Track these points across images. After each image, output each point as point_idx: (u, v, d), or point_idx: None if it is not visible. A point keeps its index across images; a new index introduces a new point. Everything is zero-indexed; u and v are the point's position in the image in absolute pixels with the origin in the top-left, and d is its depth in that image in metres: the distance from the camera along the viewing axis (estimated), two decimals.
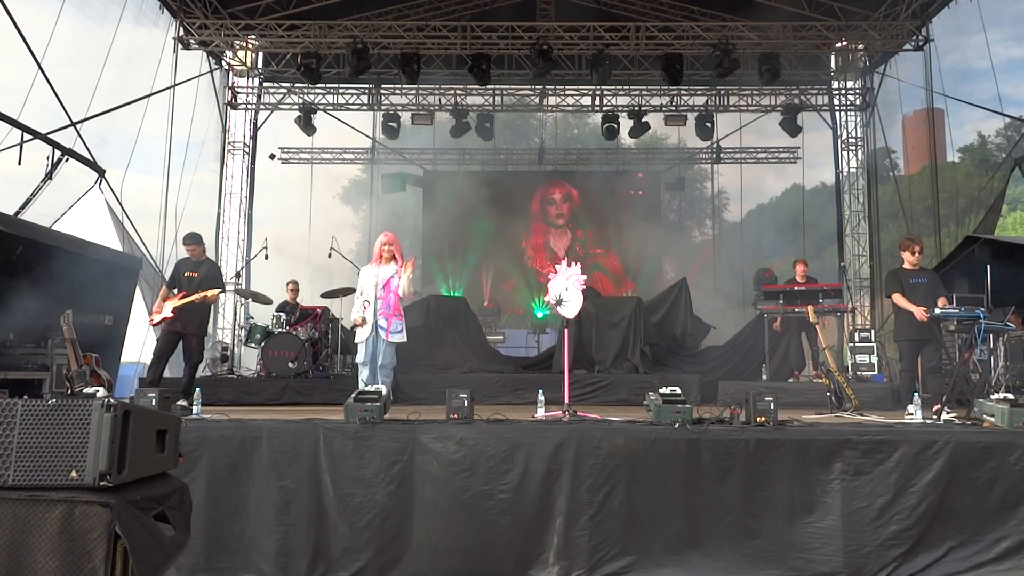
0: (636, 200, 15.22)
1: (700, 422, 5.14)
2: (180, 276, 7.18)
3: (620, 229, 15.00)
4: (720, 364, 9.82)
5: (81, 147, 9.70)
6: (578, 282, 6.11)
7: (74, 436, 2.45)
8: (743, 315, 11.18)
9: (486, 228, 15.49)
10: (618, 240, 15.13)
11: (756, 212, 16.64)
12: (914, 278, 6.65)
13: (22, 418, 2.44)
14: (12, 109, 8.35)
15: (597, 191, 15.33)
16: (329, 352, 9.67)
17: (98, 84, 9.82)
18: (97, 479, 2.41)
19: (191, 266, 7.22)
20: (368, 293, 6.34)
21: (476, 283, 15.67)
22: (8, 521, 2.33)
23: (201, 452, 4.95)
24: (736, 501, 4.89)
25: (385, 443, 4.96)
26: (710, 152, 15.49)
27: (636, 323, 9.43)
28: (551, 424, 5.31)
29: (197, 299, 6.91)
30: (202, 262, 7.29)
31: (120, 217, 10.64)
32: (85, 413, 2.48)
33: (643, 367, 9.17)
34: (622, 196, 15.12)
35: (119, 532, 2.37)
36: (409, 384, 8.65)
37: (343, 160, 16.11)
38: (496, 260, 15.79)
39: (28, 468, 2.40)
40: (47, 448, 2.43)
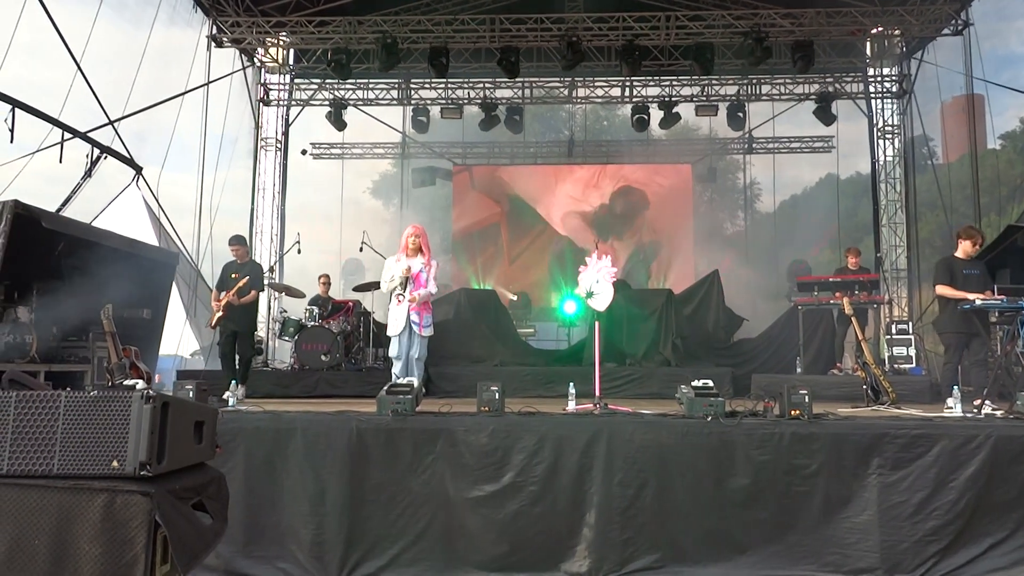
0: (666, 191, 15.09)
1: (733, 415, 5.09)
2: (226, 278, 7.59)
3: (650, 220, 14.88)
4: (753, 357, 9.71)
5: (119, 145, 9.90)
6: (609, 274, 6.08)
7: (115, 427, 2.51)
8: (776, 307, 11.02)
9: (515, 221, 15.48)
10: (648, 231, 15.02)
11: (789, 203, 16.39)
12: (967, 268, 6.46)
13: (65, 409, 2.51)
14: (52, 108, 8.55)
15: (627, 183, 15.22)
16: (361, 345, 9.76)
17: (135, 83, 10.00)
18: (137, 469, 2.46)
19: (236, 268, 7.63)
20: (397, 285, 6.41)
21: (506, 276, 15.69)
22: (54, 509, 2.39)
23: (238, 443, 5.04)
24: (770, 496, 4.84)
25: (417, 435, 5.01)
26: (742, 142, 15.28)
27: (667, 316, 9.37)
28: (582, 417, 5.31)
29: (231, 297, 7.29)
30: (246, 264, 7.71)
31: (157, 213, 10.84)
32: (125, 405, 2.53)
33: (675, 360, 9.10)
34: (652, 187, 15.00)
35: (159, 521, 2.42)
36: (440, 377, 8.69)
37: (373, 155, 16.19)
38: (527, 253, 15.79)
39: (72, 457, 2.46)
40: (89, 438, 2.49)
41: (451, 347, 9.67)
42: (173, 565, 2.50)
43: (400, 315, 6.42)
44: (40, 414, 2.49)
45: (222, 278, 7.69)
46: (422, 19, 11.83)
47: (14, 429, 2.47)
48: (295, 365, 9.37)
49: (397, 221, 16.14)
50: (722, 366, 8.98)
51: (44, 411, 2.49)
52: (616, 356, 9.35)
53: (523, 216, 15.56)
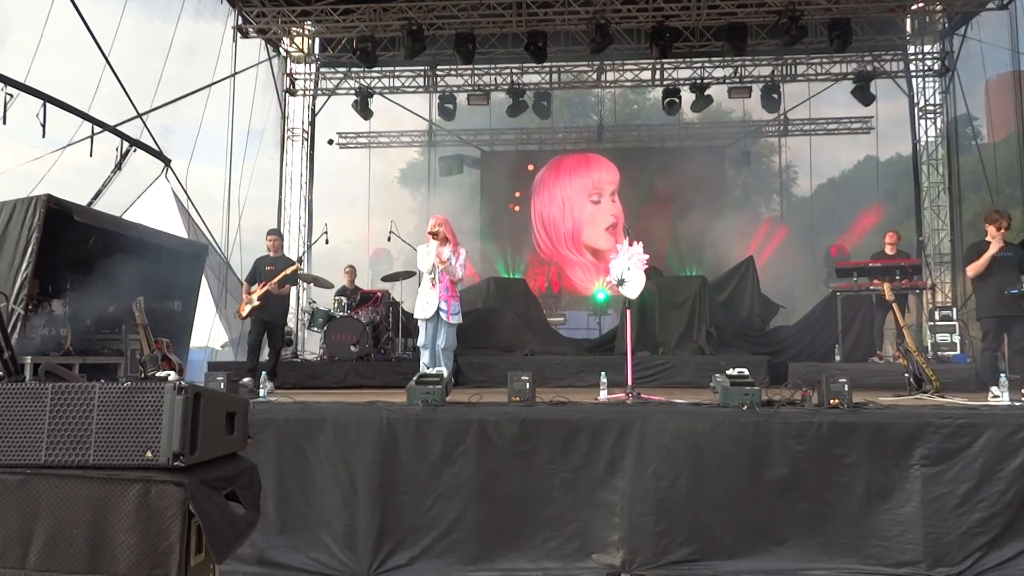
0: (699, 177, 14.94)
1: (769, 404, 5.04)
2: (260, 270, 7.77)
3: (683, 207, 14.74)
4: (790, 345, 9.61)
5: (148, 138, 10.05)
6: (640, 261, 6.04)
7: (148, 418, 2.55)
8: (814, 294, 10.89)
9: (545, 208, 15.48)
10: (681, 218, 14.88)
11: (827, 186, 16.13)
12: (1000, 251, 6.36)
13: (100, 400, 2.55)
14: (82, 103, 8.70)
15: (658, 168, 15.09)
16: (390, 335, 9.83)
17: (162, 77, 10.14)
18: (171, 459, 2.49)
19: (269, 261, 7.82)
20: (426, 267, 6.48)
21: (535, 264, 15.69)
22: (90, 499, 2.44)
23: (269, 434, 5.10)
24: (808, 487, 4.79)
25: (448, 425, 5.03)
26: (777, 125, 15.07)
27: (701, 303, 9.30)
28: (614, 406, 5.30)
29: (272, 287, 7.48)
30: (279, 257, 7.89)
31: (185, 205, 10.99)
32: (158, 396, 2.57)
33: (709, 348, 9.04)
34: (685, 173, 14.86)
35: (193, 511, 2.45)
36: (470, 367, 8.72)
37: (400, 143, 16.25)
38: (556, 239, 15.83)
39: (106, 448, 2.51)
40: (123, 429, 2.53)
41: (480, 336, 9.70)
42: (207, 555, 2.54)
43: (431, 299, 6.47)
44: (76, 405, 2.53)
45: (255, 271, 7.83)
46: (447, 4, 11.81)
47: (51, 420, 2.52)
48: (324, 356, 9.47)
49: (425, 210, 16.18)
50: (758, 354, 8.89)
51: (79, 402, 2.54)
52: (649, 344, 9.31)
53: (552, 203, 15.53)
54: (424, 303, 6.51)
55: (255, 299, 7.51)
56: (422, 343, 6.54)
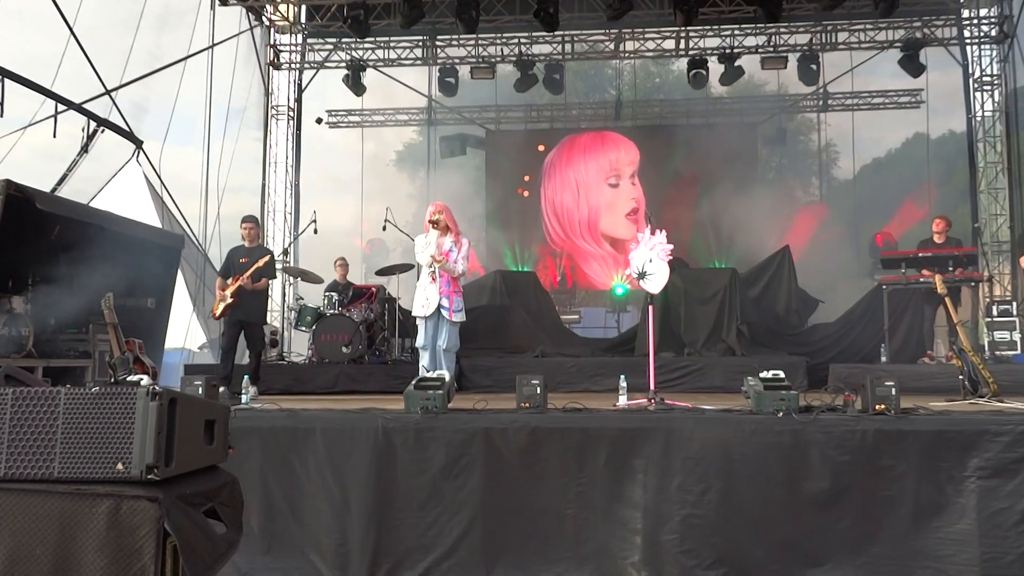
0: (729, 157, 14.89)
1: (808, 410, 5.03)
2: (234, 263, 7.59)
3: (711, 191, 14.70)
4: (831, 344, 9.58)
5: (117, 117, 10.07)
6: (663, 252, 6.02)
7: (119, 426, 2.55)
8: (857, 287, 10.84)
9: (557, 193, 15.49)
10: (709, 203, 14.85)
11: (871, 167, 16.03)
12: None
13: (65, 407, 2.56)
14: (44, 78, 8.72)
15: (683, 147, 15.05)
16: (386, 335, 9.85)
17: (132, 49, 10.16)
18: (144, 472, 2.50)
19: (244, 252, 7.63)
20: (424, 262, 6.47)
21: (546, 256, 15.69)
22: (56, 516, 2.45)
23: (252, 444, 5.12)
24: (851, 502, 4.78)
25: (450, 435, 5.03)
26: (816, 99, 14.99)
27: (731, 298, 9.27)
28: (635, 413, 5.29)
29: (245, 282, 7.27)
30: (255, 248, 7.69)
31: (159, 191, 11.03)
32: (130, 402, 2.57)
33: (740, 348, 9.02)
34: (713, 153, 14.81)
35: (168, 529, 2.46)
36: (474, 370, 8.73)
37: (396, 122, 16.25)
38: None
39: (73, 460, 2.52)
40: (91, 439, 2.54)
41: (486, 336, 9.70)
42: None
43: (431, 295, 6.44)
44: (38, 413, 2.54)
45: (228, 263, 7.67)
46: None
47: (11, 429, 2.52)
48: (313, 358, 9.49)
49: (424, 196, 16.19)
50: (795, 355, 8.86)
51: (43, 409, 2.55)
52: (673, 345, 9.29)
53: (565, 187, 15.52)
54: (423, 299, 6.50)
55: (228, 296, 7.34)
56: (421, 344, 6.54)
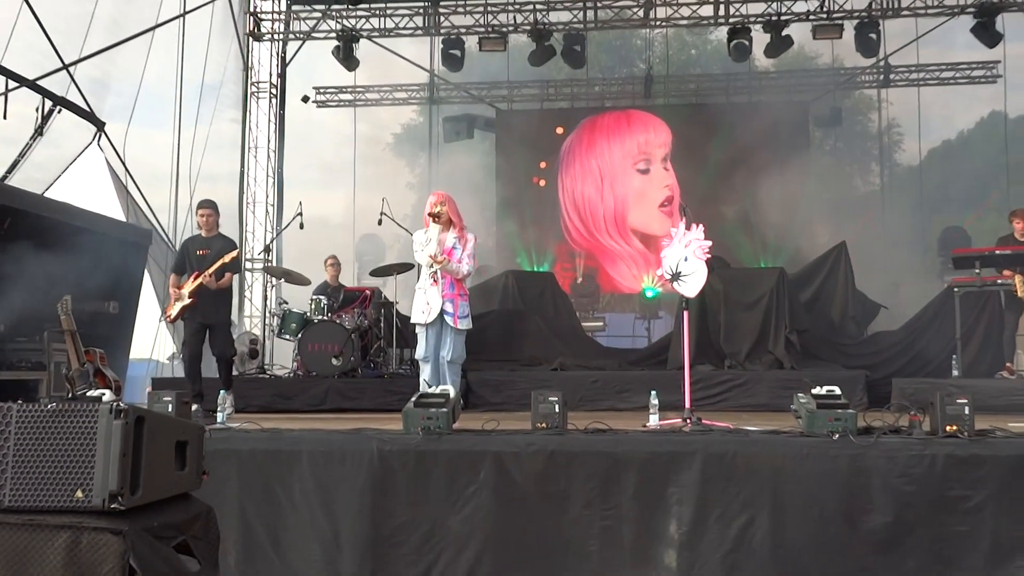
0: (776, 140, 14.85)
1: (868, 432, 5.00)
2: (191, 256, 7.46)
3: (755, 179, 14.66)
4: (894, 356, 9.51)
5: (76, 95, 10.11)
6: (701, 249, 6.00)
7: (78, 448, 2.56)
8: (924, 290, 10.77)
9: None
10: (753, 194, 14.81)
11: (940, 151, 15.97)
12: None
13: (17, 427, 2.57)
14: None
15: (723, 130, 15.01)
16: (382, 345, 9.85)
17: (93, 17, 10.20)
18: (107, 500, 2.51)
19: (201, 243, 7.50)
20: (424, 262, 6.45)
21: (564, 257, 15.67)
22: (6, 550, 2.46)
23: (230, 469, 5.13)
24: (919, 539, 4.75)
25: (456, 459, 5.03)
26: (876, 73, 14.95)
27: (779, 303, 9.21)
28: (668, 435, 5.29)
29: (208, 279, 7.13)
30: (214, 238, 7.55)
31: (124, 180, 11.09)
32: (90, 420, 2.58)
33: (789, 360, 8.97)
34: (757, 136, 14.77)
35: (134, 566, 2.47)
36: (483, 384, 8.72)
37: (393, 101, 16.30)
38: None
39: (26, 487, 2.53)
40: (47, 463, 2.55)
41: (496, 346, 9.68)
42: None
43: (432, 299, 6.41)
44: None
45: (183, 256, 7.55)
46: None
47: None
48: (299, 371, 9.50)
49: (425, 185, 16.22)
50: (852, 368, 8.80)
51: None
52: (712, 356, 9.25)
53: (587, 176, 15.52)
54: (423, 304, 6.48)
55: (186, 295, 7.18)
56: (421, 355, 6.52)
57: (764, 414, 7.45)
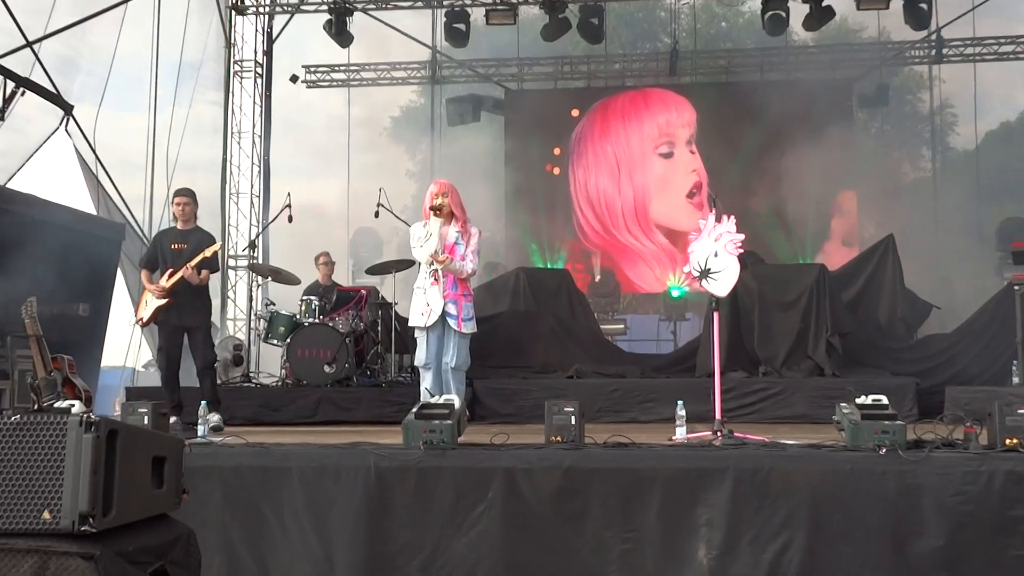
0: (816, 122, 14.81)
1: (919, 446, 5.00)
2: (165, 250, 7.42)
3: (793, 166, 14.62)
4: (947, 361, 9.48)
5: (41, 76, 10.14)
6: (732, 243, 5.99)
7: (45, 465, 2.57)
8: (981, 288, 10.75)
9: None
10: (790, 182, 14.78)
11: (999, 134, 15.92)
12: None
13: None
14: None
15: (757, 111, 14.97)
16: (379, 351, 9.86)
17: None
18: (76, 522, 2.52)
19: (177, 237, 7.47)
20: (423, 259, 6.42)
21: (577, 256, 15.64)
22: None
23: (212, 488, 5.14)
24: (975, 564, 4.73)
25: (461, 477, 5.04)
26: (927, 47, 14.90)
27: (819, 302, 9.19)
28: (697, 450, 5.29)
29: (189, 272, 7.09)
30: (191, 231, 7.51)
31: (94, 168, 11.11)
32: (59, 434, 2.59)
33: (830, 367, 8.95)
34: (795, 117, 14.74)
35: None
36: (491, 394, 8.73)
37: (391, 80, 16.30)
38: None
39: None
40: (10, 481, 2.56)
41: (505, 351, 9.69)
42: None
43: (433, 300, 6.36)
44: None
45: (155, 251, 7.51)
46: None
47: None
48: (287, 379, 9.52)
49: (426, 173, 16.23)
50: (901, 375, 8.78)
51: None
52: (745, 362, 9.24)
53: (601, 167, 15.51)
54: (422, 306, 6.44)
55: (160, 294, 7.16)
56: (422, 361, 6.50)
57: (803, 426, 7.45)
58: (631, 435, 5.55)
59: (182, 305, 7.27)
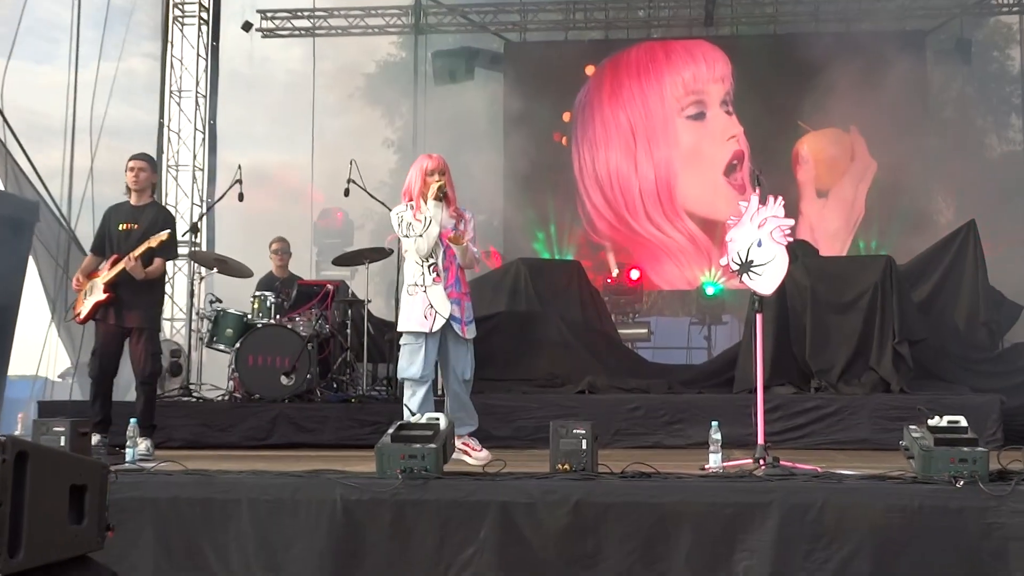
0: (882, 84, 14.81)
1: (1003, 478, 4.99)
2: (111, 232, 7.38)
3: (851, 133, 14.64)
4: None
5: None
6: (780, 231, 5.99)
7: None
8: None
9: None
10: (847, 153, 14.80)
11: None
12: None
13: None
14: None
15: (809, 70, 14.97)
16: (349, 358, 9.86)
17: None
18: None
19: (127, 215, 7.40)
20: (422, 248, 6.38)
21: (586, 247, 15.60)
22: None
23: (143, 524, 5.13)
24: None
25: (448, 512, 5.03)
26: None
27: (885, 302, 9.20)
28: (735, 482, 5.29)
29: (129, 266, 7.05)
30: (145, 208, 7.46)
31: (1, 136, 11.08)
32: None
33: (898, 381, 8.96)
34: (856, 78, 14.74)
35: None
36: (486, 412, 8.60)
37: (366, 29, 16.29)
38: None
39: None
40: None
41: (503, 360, 9.68)
42: None
43: (436, 301, 6.31)
44: None
45: (104, 232, 7.46)
46: None
47: None
48: (236, 393, 9.51)
49: (408, 145, 16.25)
50: (984, 391, 8.80)
51: None
52: (794, 375, 9.26)
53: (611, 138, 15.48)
54: (422, 307, 6.33)
55: (100, 286, 7.11)
56: (417, 374, 6.42)
57: (864, 453, 7.48)
58: (655, 463, 5.55)
59: (125, 301, 7.22)
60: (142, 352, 7.36)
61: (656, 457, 6.01)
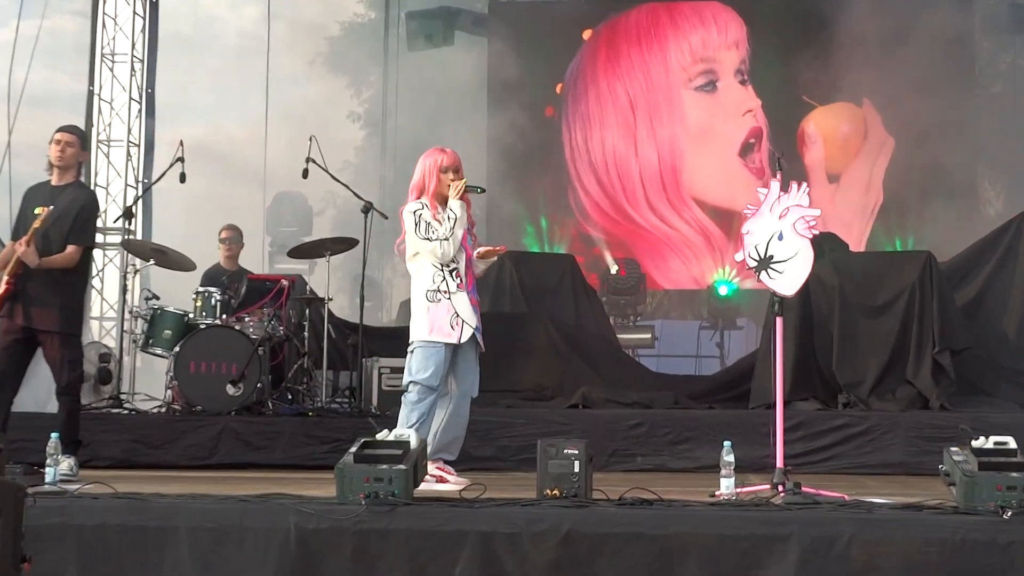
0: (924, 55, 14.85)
1: None
2: (27, 216, 7.29)
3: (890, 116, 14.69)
4: None
5: None
6: (804, 222, 6.00)
7: None
8: None
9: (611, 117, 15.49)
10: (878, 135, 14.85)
11: None
12: None
13: None
14: None
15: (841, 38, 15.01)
16: (306, 364, 9.85)
17: None
18: None
19: (45, 196, 7.32)
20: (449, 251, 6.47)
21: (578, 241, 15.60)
22: None
23: (66, 555, 5.10)
24: None
25: (418, 544, 5.02)
26: None
27: (924, 306, 9.24)
28: (750, 511, 5.30)
29: (21, 251, 6.94)
30: (65, 188, 7.39)
31: None
32: None
33: (937, 395, 8.99)
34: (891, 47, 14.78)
35: None
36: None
37: None
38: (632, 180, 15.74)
39: None
40: None
41: (483, 368, 9.63)
42: None
43: (463, 310, 6.51)
44: None
45: (22, 215, 7.39)
46: None
47: None
48: (175, 404, 9.50)
49: (376, 119, 16.24)
50: None
51: None
52: (818, 388, 9.29)
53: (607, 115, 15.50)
54: (448, 316, 6.55)
55: (5, 276, 7.01)
56: (435, 381, 6.46)
57: (898, 478, 7.51)
58: (657, 488, 5.56)
59: (34, 298, 7.13)
60: (57, 359, 7.28)
61: (659, 482, 6.02)
